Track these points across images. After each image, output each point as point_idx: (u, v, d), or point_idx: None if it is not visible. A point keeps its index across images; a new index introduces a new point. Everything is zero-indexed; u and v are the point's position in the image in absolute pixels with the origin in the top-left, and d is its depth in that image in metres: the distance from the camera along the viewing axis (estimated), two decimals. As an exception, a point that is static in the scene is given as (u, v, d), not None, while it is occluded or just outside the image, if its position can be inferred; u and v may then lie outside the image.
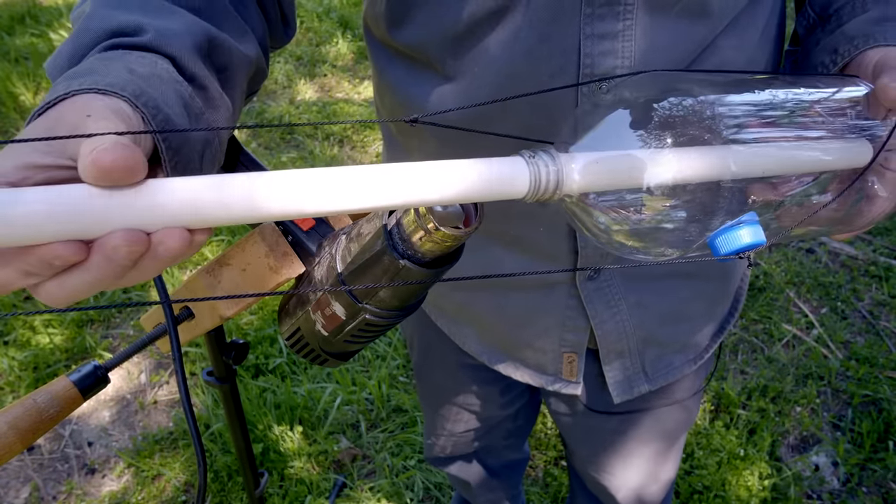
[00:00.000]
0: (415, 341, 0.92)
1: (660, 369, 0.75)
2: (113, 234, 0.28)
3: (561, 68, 0.51)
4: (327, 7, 3.63)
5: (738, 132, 0.39)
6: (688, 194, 0.37)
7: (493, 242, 0.66)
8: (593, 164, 0.35)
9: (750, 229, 0.40)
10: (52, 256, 0.28)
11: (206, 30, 0.44)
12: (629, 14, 0.49)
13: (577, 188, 0.35)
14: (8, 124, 2.79)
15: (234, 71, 0.46)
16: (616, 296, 0.67)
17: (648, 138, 0.37)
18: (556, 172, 0.35)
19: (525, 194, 0.35)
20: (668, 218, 0.38)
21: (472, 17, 0.50)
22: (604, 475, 0.91)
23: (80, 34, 0.40)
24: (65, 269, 0.30)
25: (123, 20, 0.40)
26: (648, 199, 0.37)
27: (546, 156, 0.35)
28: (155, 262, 0.30)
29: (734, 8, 0.52)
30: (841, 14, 0.53)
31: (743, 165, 0.38)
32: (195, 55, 0.42)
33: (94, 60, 0.38)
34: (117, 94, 0.34)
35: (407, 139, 0.66)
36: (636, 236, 0.39)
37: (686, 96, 0.38)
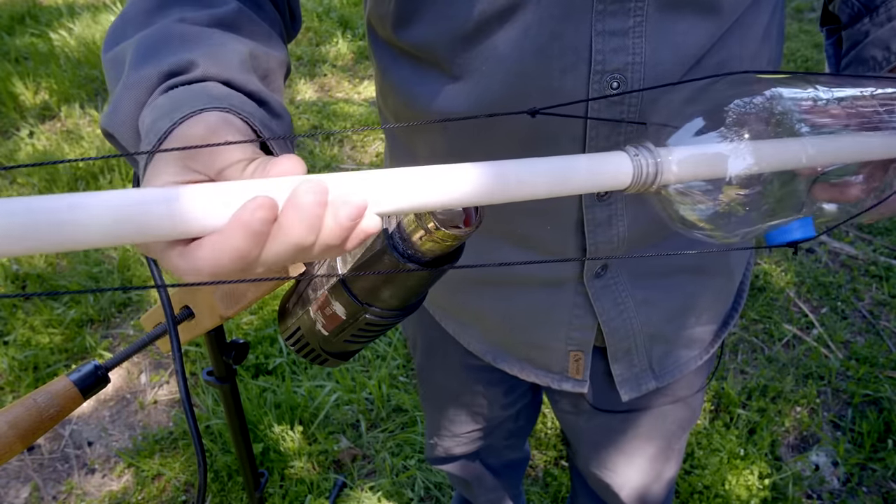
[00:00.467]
0: (418, 342, 0.92)
1: (667, 366, 0.76)
2: (299, 186, 0.30)
3: (572, 65, 0.51)
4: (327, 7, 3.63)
5: (807, 126, 0.43)
6: (759, 185, 0.42)
7: (500, 242, 0.66)
8: (687, 158, 0.39)
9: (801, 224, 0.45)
10: (252, 208, 0.29)
11: (244, 44, 0.45)
12: (640, 11, 0.49)
13: (674, 179, 0.39)
14: (8, 124, 2.79)
15: (274, 74, 0.48)
16: (623, 293, 0.67)
17: (729, 133, 0.41)
18: (656, 165, 0.38)
19: (629, 185, 0.38)
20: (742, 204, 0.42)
21: (482, 16, 0.50)
22: (607, 473, 0.91)
23: (134, 87, 0.41)
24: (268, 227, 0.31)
25: (174, 61, 0.41)
26: (727, 187, 0.41)
27: (646, 150, 0.38)
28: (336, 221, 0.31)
29: (742, 4, 0.52)
30: (890, 7, 0.53)
31: (813, 156, 0.42)
32: (245, 72, 0.43)
33: (165, 99, 0.39)
34: (220, 107, 0.37)
35: (412, 139, 0.66)
36: (709, 220, 0.43)
37: (755, 95, 0.43)
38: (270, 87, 0.47)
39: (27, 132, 2.73)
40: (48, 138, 2.70)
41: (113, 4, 3.69)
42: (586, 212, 0.60)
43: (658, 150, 0.39)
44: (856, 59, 0.55)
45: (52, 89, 2.96)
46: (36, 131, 2.73)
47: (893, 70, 0.51)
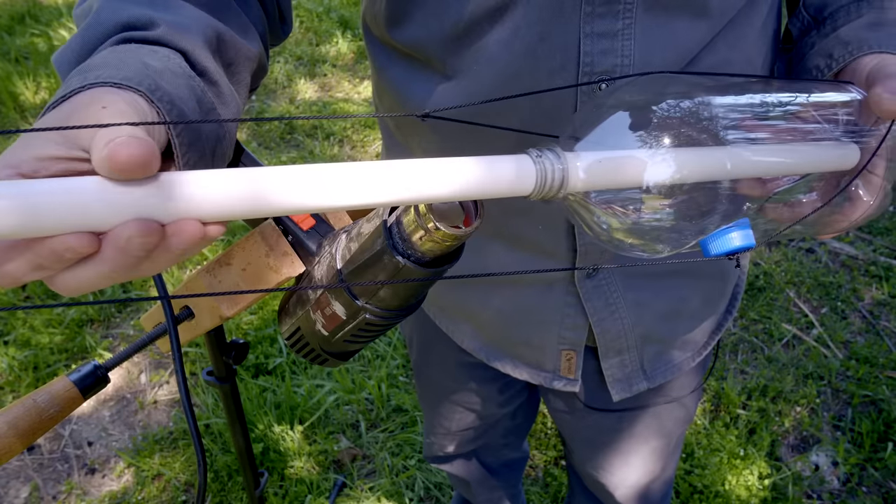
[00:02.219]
0: (414, 340, 0.93)
1: (658, 367, 0.76)
2: (126, 225, 0.28)
3: (561, 66, 0.51)
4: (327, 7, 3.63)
5: (733, 133, 0.40)
6: (685, 194, 0.38)
7: (492, 240, 0.66)
8: (597, 164, 0.36)
9: (741, 233, 0.41)
10: (64, 248, 0.28)
11: (214, 24, 0.44)
12: (629, 13, 0.49)
13: (581, 186, 0.36)
14: (8, 124, 2.79)
15: (239, 66, 0.46)
16: (615, 294, 0.67)
17: (648, 139, 0.37)
18: (562, 171, 0.35)
19: (531, 192, 0.35)
20: (666, 217, 0.39)
21: (472, 16, 0.50)
22: (602, 473, 0.91)
23: (90, 27, 0.40)
24: (78, 261, 0.29)
25: (135, 13, 0.40)
26: (648, 197, 0.37)
27: (552, 154, 0.35)
28: (168, 254, 0.30)
29: (733, 7, 0.52)
30: (836, 17, 0.53)
31: (738, 165, 0.39)
32: (206, 50, 0.42)
33: (106, 53, 0.38)
34: (132, 87, 0.34)
35: (407, 138, 0.66)
36: (634, 234, 0.40)
37: (684, 98, 0.40)
38: (233, 78, 0.46)
39: (27, 132, 2.73)
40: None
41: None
42: None
43: (565, 155, 0.35)
44: (801, 70, 0.54)
45: (52, 89, 2.96)
46: (36, 131, 2.73)
47: (835, 77, 0.51)
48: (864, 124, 0.45)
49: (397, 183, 0.32)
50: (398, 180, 0.32)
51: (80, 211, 0.27)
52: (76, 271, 0.30)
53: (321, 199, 0.31)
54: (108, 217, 0.28)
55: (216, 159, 0.41)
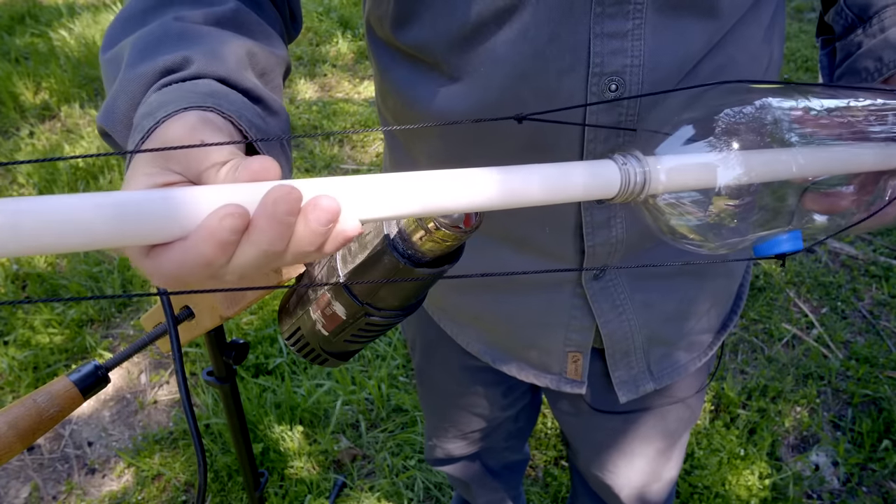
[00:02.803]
0: (417, 343, 0.92)
1: (665, 368, 0.75)
2: (271, 191, 0.29)
3: (570, 67, 0.51)
4: (327, 7, 3.63)
5: (795, 135, 0.42)
6: (750, 195, 0.41)
7: (499, 243, 0.66)
8: (676, 169, 0.39)
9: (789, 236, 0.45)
10: (220, 218, 0.29)
11: (243, 43, 0.45)
12: (639, 13, 0.49)
13: (661, 189, 0.38)
14: (8, 124, 2.79)
15: (272, 73, 0.47)
16: (622, 295, 0.67)
17: (717, 143, 0.40)
18: (643, 174, 0.37)
19: (615, 195, 0.37)
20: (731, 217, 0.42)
21: (480, 17, 0.50)
22: (607, 474, 0.91)
23: (129, 83, 0.41)
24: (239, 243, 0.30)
25: (169, 59, 0.41)
26: (717, 198, 0.40)
27: (634, 160, 0.38)
28: (308, 229, 0.30)
29: (742, 7, 0.52)
30: (883, 18, 0.53)
31: (802, 166, 0.42)
32: (241, 70, 0.43)
33: (158, 97, 0.39)
34: (202, 106, 0.36)
35: (411, 140, 0.66)
36: (699, 231, 0.43)
37: (747, 104, 0.42)
38: (269, 86, 0.46)
39: (27, 132, 2.73)
40: (48, 138, 2.70)
41: (113, 4, 3.69)
42: (584, 213, 0.59)
43: (646, 159, 0.38)
44: (849, 69, 0.54)
45: (52, 89, 2.96)
46: (36, 131, 2.73)
47: (886, 81, 0.51)
48: None
49: (496, 189, 0.34)
50: (496, 187, 0.34)
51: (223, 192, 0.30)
52: (238, 254, 0.30)
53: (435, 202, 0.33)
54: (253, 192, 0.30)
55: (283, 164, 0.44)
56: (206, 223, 0.28)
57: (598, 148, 0.54)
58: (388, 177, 0.32)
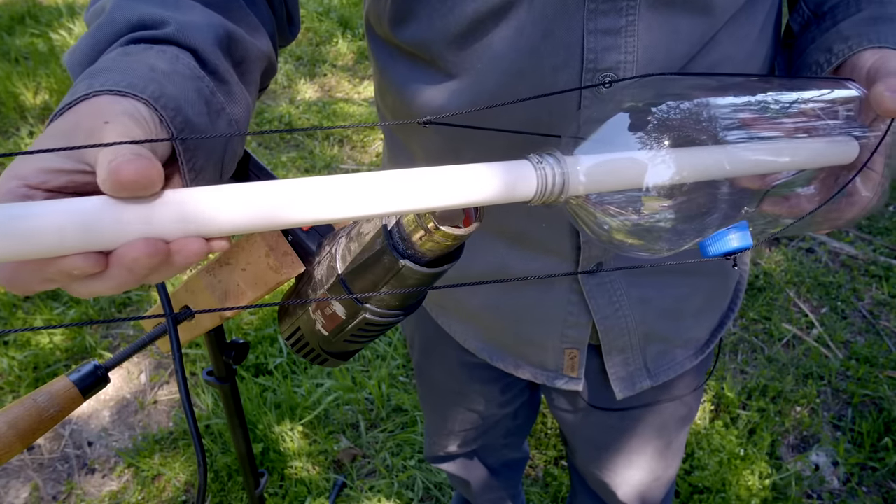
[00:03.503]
0: (415, 340, 0.93)
1: (661, 365, 0.76)
2: (132, 245, 0.29)
3: (564, 63, 0.51)
4: (327, 7, 3.63)
5: (732, 133, 0.40)
6: (684, 194, 0.38)
7: (496, 239, 0.66)
8: (597, 167, 0.36)
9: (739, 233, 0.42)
10: (71, 268, 0.29)
11: (224, 23, 0.44)
12: (632, 10, 0.49)
13: (582, 190, 0.36)
14: (8, 124, 2.79)
15: (249, 65, 0.47)
16: (618, 291, 0.67)
17: (648, 140, 0.38)
18: (562, 175, 0.35)
19: (532, 197, 0.35)
20: (666, 217, 0.39)
21: (476, 14, 0.50)
22: (605, 472, 0.91)
23: (101, 27, 0.41)
24: (86, 277, 0.30)
25: (146, 13, 0.40)
26: (648, 199, 0.38)
27: (552, 159, 0.36)
28: (171, 268, 0.31)
29: (735, 4, 0.52)
30: (836, 12, 0.53)
31: (737, 164, 0.39)
32: (216, 48, 0.42)
33: (115, 56, 0.38)
34: (136, 95, 0.34)
35: (408, 137, 0.66)
36: (635, 235, 0.40)
37: (683, 99, 0.40)
38: (244, 77, 0.46)
39: (27, 132, 2.73)
40: (48, 138, 2.70)
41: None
42: None
43: (565, 159, 0.36)
44: (801, 65, 0.54)
45: (52, 89, 2.96)
46: (36, 131, 2.73)
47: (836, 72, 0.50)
48: (863, 121, 0.45)
49: (397, 194, 0.32)
50: (398, 191, 0.32)
51: (84, 232, 0.28)
52: (85, 284, 0.31)
53: (323, 212, 0.31)
54: (112, 237, 0.28)
55: (226, 161, 0.41)
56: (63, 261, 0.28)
57: None
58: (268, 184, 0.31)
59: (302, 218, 0.31)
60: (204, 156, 0.38)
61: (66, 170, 0.31)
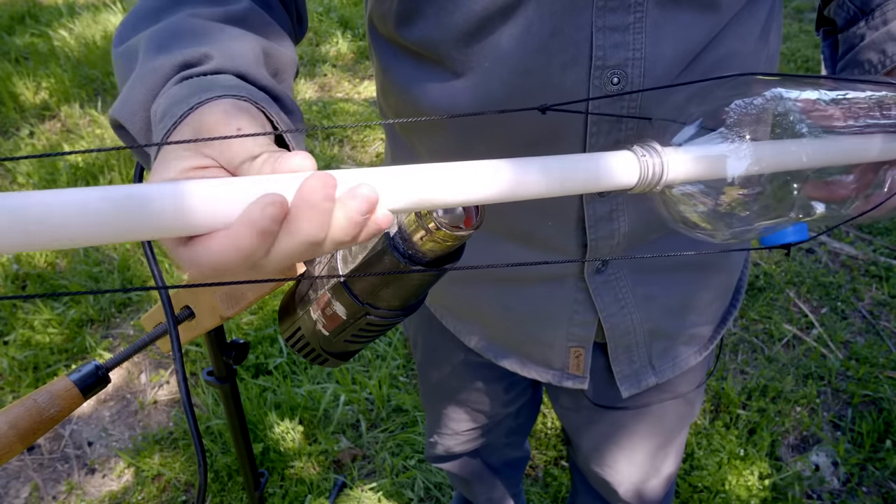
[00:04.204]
0: (418, 340, 0.92)
1: (666, 362, 0.76)
2: (310, 178, 0.29)
3: (573, 60, 0.51)
4: (327, 7, 3.63)
5: (804, 127, 0.43)
6: (759, 186, 0.42)
7: (502, 238, 0.66)
8: (692, 160, 0.40)
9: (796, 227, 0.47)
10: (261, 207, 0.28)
11: (258, 41, 0.45)
12: (640, 7, 0.50)
13: (679, 180, 0.39)
14: (8, 124, 2.79)
15: (285, 73, 0.48)
16: (624, 289, 0.67)
17: (730, 135, 0.41)
18: (662, 165, 0.38)
19: (634, 185, 0.39)
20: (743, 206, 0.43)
21: (484, 12, 0.50)
22: (606, 470, 0.91)
23: (148, 76, 0.41)
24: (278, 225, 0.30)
25: (188, 53, 0.41)
26: (728, 188, 0.41)
27: (652, 151, 0.39)
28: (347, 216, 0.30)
29: (740, 1, 0.52)
30: (886, 10, 0.53)
31: (812, 156, 0.43)
32: (259, 68, 0.43)
33: (178, 89, 0.39)
34: (236, 95, 0.36)
35: (414, 137, 0.66)
36: (710, 219, 0.44)
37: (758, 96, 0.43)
38: (282, 85, 0.47)
39: (27, 132, 2.73)
40: (48, 138, 2.70)
41: (113, 4, 3.69)
42: (587, 207, 0.60)
43: (664, 150, 0.39)
44: (852, 62, 0.55)
45: (52, 89, 2.96)
46: (36, 131, 2.73)
47: (889, 73, 0.52)
48: None
49: (511, 180, 0.34)
50: (517, 178, 0.34)
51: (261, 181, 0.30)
52: (279, 243, 0.30)
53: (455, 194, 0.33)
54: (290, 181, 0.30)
55: None
56: (247, 212, 0.28)
57: (600, 141, 0.55)
58: (410, 167, 0.32)
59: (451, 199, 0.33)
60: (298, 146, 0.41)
61: (199, 167, 0.34)
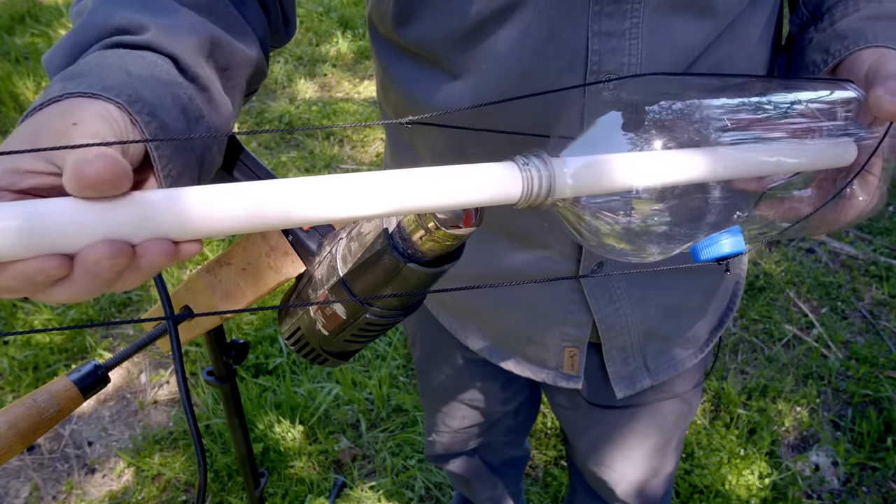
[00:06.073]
0: (416, 338, 0.93)
1: (661, 364, 0.76)
2: (94, 247, 0.28)
3: (569, 65, 0.51)
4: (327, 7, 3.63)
5: (727, 135, 0.39)
6: (676, 197, 0.37)
7: (497, 238, 0.66)
8: (585, 168, 0.35)
9: (731, 239, 0.41)
10: (34, 272, 0.28)
11: (208, 29, 0.43)
12: (636, 12, 0.49)
13: (569, 193, 0.35)
14: (8, 124, 2.79)
15: (235, 71, 0.46)
16: (618, 290, 0.67)
17: (639, 141, 0.37)
18: (549, 178, 0.34)
19: (518, 200, 0.34)
20: (657, 221, 0.38)
21: (480, 15, 0.50)
22: (603, 469, 0.91)
23: (81, 30, 0.40)
24: (50, 283, 0.29)
25: (126, 18, 0.40)
26: (638, 202, 0.37)
27: (538, 161, 0.34)
28: (138, 273, 0.30)
29: (737, 6, 0.52)
30: (833, 12, 0.53)
31: (731, 167, 0.38)
32: (198, 55, 0.42)
33: (92, 59, 0.38)
34: (110, 98, 0.34)
35: (414, 137, 0.66)
36: (625, 239, 0.39)
37: (676, 99, 0.39)
38: (229, 83, 0.45)
39: (27, 132, 2.73)
40: (48, 138, 2.70)
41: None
42: None
43: (551, 160, 0.34)
44: (798, 66, 0.54)
45: (52, 89, 2.96)
46: (36, 131, 2.73)
47: (833, 72, 0.50)
48: (861, 122, 0.45)
49: (383, 195, 0.31)
50: (386, 193, 0.31)
51: (47, 233, 0.27)
52: (50, 291, 0.30)
53: (305, 212, 0.30)
54: (78, 239, 0.28)
55: (204, 168, 0.41)
56: (26, 265, 0.27)
57: None
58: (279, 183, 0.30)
59: (285, 217, 0.30)
60: (180, 162, 0.37)
61: (35, 171, 0.30)
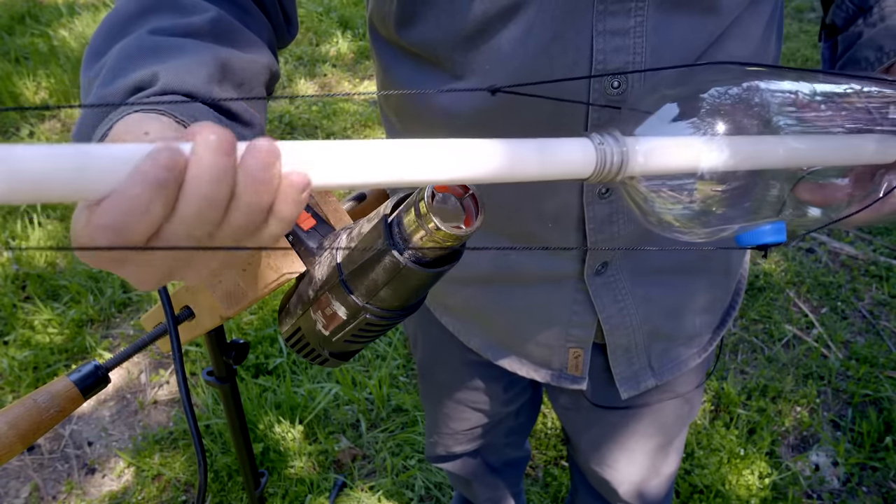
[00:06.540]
0: (418, 339, 0.93)
1: (665, 363, 0.76)
2: (204, 126, 0.27)
3: (574, 64, 0.51)
4: (327, 7, 3.63)
5: (787, 121, 0.41)
6: (737, 180, 0.39)
7: (501, 239, 0.66)
8: (656, 149, 0.37)
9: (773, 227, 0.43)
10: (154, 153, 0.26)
11: (215, 55, 0.44)
12: (640, 11, 0.49)
13: (639, 171, 0.37)
14: (8, 124, 2.79)
15: (252, 82, 0.47)
16: (623, 290, 0.67)
17: (702, 126, 0.39)
18: (622, 154, 0.36)
19: (591, 175, 0.36)
20: (715, 203, 0.40)
21: (484, 15, 0.50)
22: (606, 469, 0.91)
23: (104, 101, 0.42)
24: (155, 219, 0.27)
25: (138, 76, 0.41)
26: (701, 183, 0.39)
27: (612, 139, 0.36)
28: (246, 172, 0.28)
29: (741, 4, 0.52)
30: (883, 7, 0.53)
31: (790, 154, 0.40)
32: (211, 84, 0.43)
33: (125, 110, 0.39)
34: (166, 112, 0.36)
35: (414, 133, 0.66)
36: (682, 218, 0.41)
37: (735, 86, 0.40)
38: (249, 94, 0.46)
39: (27, 131, 2.73)
40: (48, 138, 2.70)
41: (112, 3, 3.69)
42: (587, 209, 0.60)
43: (625, 139, 0.36)
44: (849, 60, 0.54)
45: (52, 89, 2.96)
46: (36, 131, 2.73)
47: (887, 70, 0.51)
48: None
49: (458, 161, 0.32)
50: (459, 158, 0.32)
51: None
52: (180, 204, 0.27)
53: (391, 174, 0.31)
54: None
55: None
56: (137, 165, 0.26)
57: None
58: (358, 143, 0.30)
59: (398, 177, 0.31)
60: None
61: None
